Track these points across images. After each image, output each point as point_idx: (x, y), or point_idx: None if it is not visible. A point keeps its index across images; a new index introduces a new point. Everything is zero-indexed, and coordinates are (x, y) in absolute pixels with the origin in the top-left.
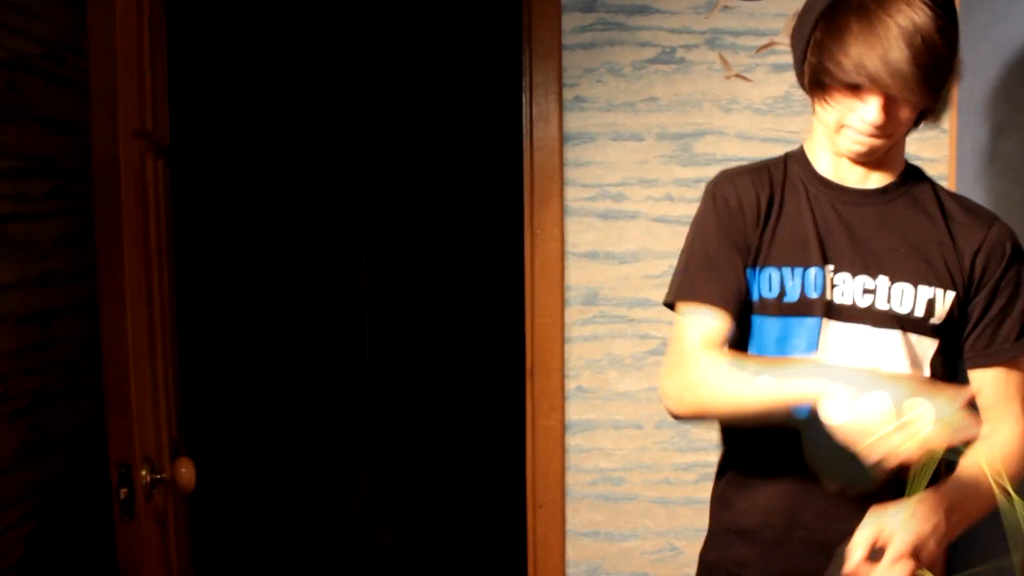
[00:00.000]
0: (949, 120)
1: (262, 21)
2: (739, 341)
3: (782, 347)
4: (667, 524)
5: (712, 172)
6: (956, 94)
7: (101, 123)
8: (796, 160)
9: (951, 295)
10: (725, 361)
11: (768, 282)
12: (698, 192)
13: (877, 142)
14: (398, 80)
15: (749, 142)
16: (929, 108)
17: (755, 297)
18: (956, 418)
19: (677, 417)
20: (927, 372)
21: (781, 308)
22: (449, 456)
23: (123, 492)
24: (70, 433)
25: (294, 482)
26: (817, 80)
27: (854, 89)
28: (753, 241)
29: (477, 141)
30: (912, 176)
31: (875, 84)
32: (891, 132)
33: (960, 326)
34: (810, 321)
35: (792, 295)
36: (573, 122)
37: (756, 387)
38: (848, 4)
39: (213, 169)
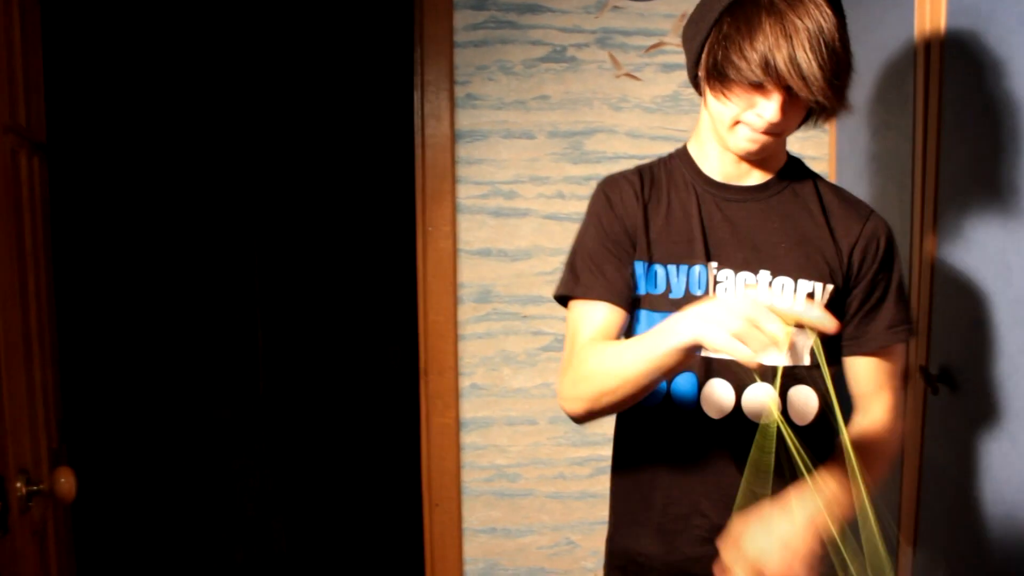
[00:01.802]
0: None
1: (151, 17)
2: (629, 335)
3: None
4: (563, 518)
5: (603, 170)
6: None
7: None
8: (680, 159)
9: (830, 288)
10: (610, 343)
11: (655, 279)
12: (589, 189)
13: (770, 140)
14: (288, 77)
15: (639, 140)
16: (824, 108)
17: (642, 292)
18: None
19: (576, 419)
20: (806, 363)
21: (667, 304)
22: (344, 457)
23: None
24: None
25: (187, 488)
26: (720, 74)
27: (756, 85)
28: (639, 237)
29: (368, 139)
30: (793, 169)
31: (780, 82)
32: (783, 130)
33: (838, 317)
34: None
35: (677, 291)
36: (465, 120)
37: (637, 349)
38: (757, 1)
39: (98, 166)
